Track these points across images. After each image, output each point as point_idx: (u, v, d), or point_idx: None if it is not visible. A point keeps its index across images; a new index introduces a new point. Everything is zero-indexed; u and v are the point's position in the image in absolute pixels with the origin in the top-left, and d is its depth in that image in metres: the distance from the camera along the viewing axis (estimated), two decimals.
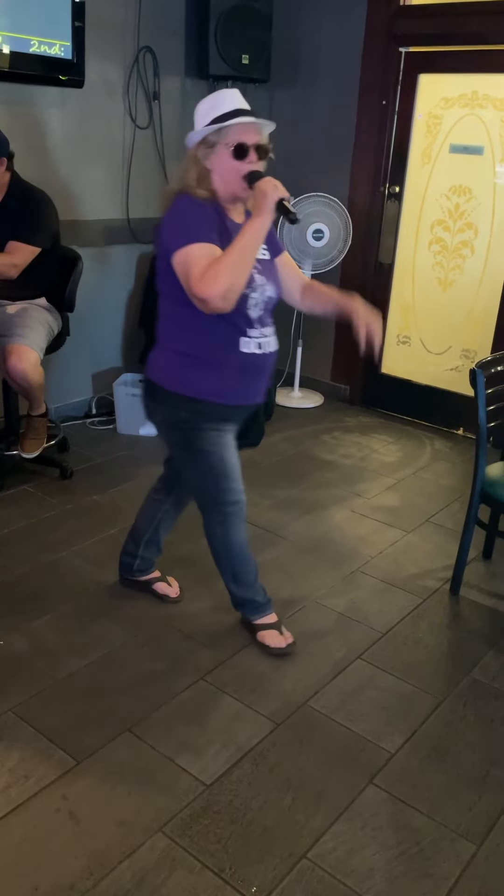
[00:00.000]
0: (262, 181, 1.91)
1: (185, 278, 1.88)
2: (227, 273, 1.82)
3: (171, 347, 2.09)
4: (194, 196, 1.96)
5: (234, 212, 2.05)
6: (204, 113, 1.99)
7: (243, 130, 1.95)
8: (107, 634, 2.42)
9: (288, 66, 4.34)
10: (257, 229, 1.88)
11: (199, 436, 2.12)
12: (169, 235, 1.93)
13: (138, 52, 3.83)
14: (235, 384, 2.09)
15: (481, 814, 1.86)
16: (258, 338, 2.07)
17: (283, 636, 2.40)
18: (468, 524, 2.72)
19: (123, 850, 1.71)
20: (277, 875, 1.67)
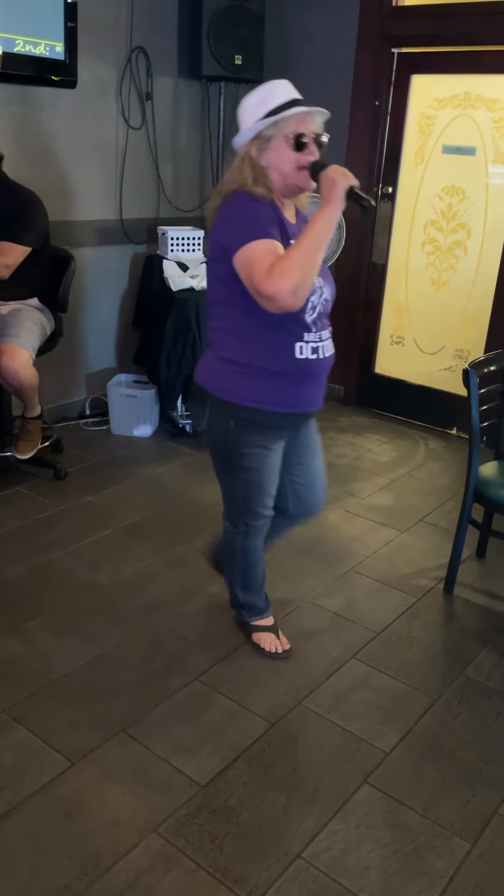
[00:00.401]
0: (330, 169, 1.81)
1: (249, 276, 1.77)
2: (297, 267, 1.72)
3: (223, 354, 2.00)
4: (251, 193, 1.86)
5: (288, 213, 1.96)
6: (254, 107, 1.88)
7: (301, 121, 1.85)
8: (101, 635, 2.42)
9: (281, 66, 4.34)
10: (327, 220, 1.77)
11: (242, 451, 2.05)
12: (228, 234, 1.83)
13: (131, 53, 3.83)
14: (290, 392, 1.99)
15: (475, 812, 1.87)
16: (315, 342, 1.97)
17: (279, 640, 2.39)
18: (462, 523, 2.73)
19: (118, 850, 1.71)
20: (272, 874, 1.67)
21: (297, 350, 1.94)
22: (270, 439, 2.06)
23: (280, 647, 2.38)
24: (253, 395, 1.97)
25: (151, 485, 3.49)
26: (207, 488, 3.47)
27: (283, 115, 1.83)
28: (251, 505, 2.16)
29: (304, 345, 1.94)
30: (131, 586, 2.70)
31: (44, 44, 3.34)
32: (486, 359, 2.75)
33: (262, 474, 2.10)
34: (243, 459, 2.06)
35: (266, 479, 2.12)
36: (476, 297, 4.15)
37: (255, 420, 2.00)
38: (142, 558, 2.87)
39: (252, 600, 2.38)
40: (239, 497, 2.17)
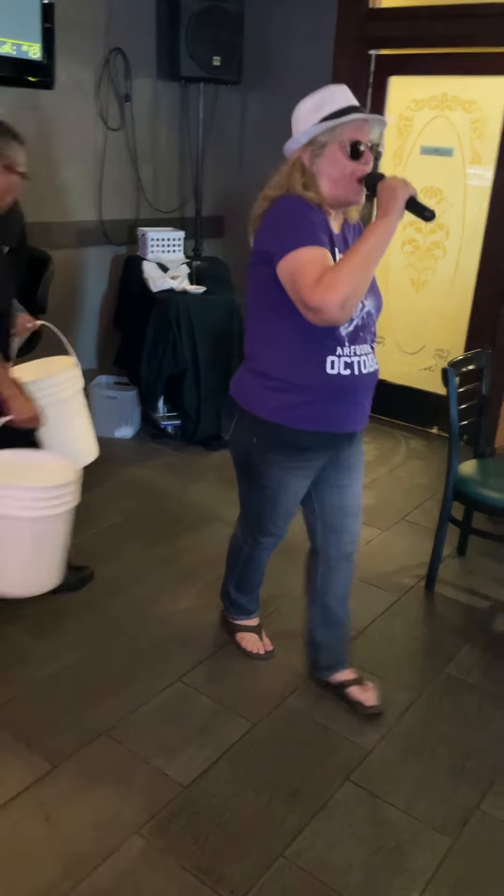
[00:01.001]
0: (389, 179, 1.71)
1: (295, 285, 1.67)
2: (348, 279, 1.61)
3: (253, 366, 1.92)
4: (303, 197, 1.76)
5: (333, 222, 1.84)
6: (309, 111, 1.78)
7: (358, 128, 1.75)
8: (82, 637, 2.41)
9: (260, 67, 4.35)
10: (385, 231, 1.66)
11: (261, 469, 1.96)
12: (274, 238, 1.72)
13: (109, 54, 3.82)
14: (320, 409, 1.85)
15: (457, 807, 1.88)
16: (349, 357, 1.82)
17: (262, 642, 2.38)
18: (442, 522, 2.75)
19: (101, 852, 1.70)
20: (255, 873, 1.68)
21: (328, 365, 1.81)
22: (295, 460, 1.93)
23: (262, 648, 2.37)
24: (280, 412, 1.86)
25: (134, 486, 3.48)
26: (190, 488, 3.47)
27: (340, 120, 1.73)
28: (263, 523, 2.11)
29: (336, 359, 1.81)
30: (114, 587, 2.69)
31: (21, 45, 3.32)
32: (464, 358, 2.78)
33: (279, 495, 1.99)
34: (262, 478, 1.98)
35: (283, 501, 2.01)
36: (455, 297, 4.18)
37: (280, 437, 1.89)
38: (125, 559, 2.86)
39: (242, 601, 2.38)
40: (252, 512, 2.12)
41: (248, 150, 4.53)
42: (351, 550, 2.13)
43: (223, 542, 3.01)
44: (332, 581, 2.14)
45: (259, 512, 2.09)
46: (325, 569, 2.13)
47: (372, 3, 3.98)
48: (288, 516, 2.09)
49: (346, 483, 2.05)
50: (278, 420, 1.87)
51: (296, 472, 1.96)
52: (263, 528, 2.13)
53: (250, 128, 4.49)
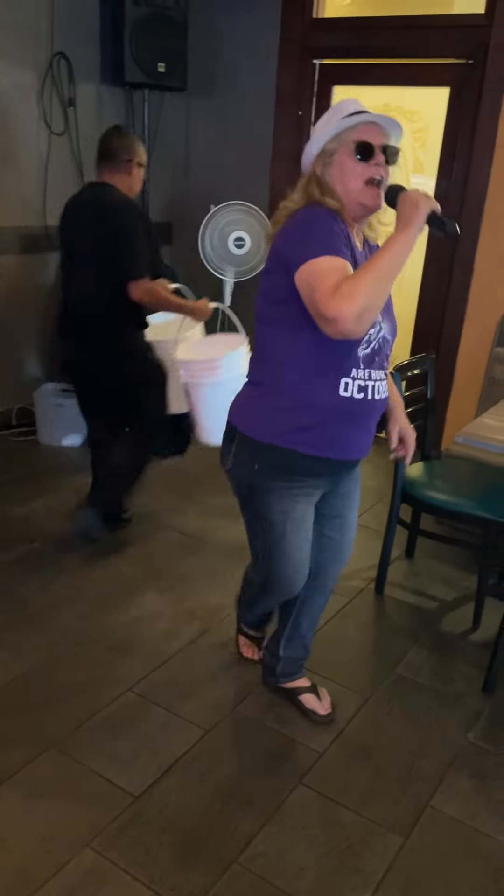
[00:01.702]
0: (410, 192, 1.65)
1: (311, 294, 1.60)
2: (365, 290, 1.53)
3: (259, 387, 1.81)
4: (325, 205, 1.71)
5: (356, 237, 1.78)
6: (321, 126, 1.75)
7: (366, 129, 1.69)
8: (30, 649, 2.36)
9: (205, 75, 4.36)
10: (405, 244, 1.59)
11: (266, 498, 1.83)
12: (293, 246, 1.66)
13: (52, 58, 3.78)
14: (329, 434, 1.76)
15: (408, 806, 1.90)
16: (363, 381, 1.74)
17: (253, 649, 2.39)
18: (390, 524, 2.78)
19: (50, 867, 1.67)
20: (208, 882, 1.66)
21: (342, 387, 1.72)
22: (301, 488, 1.84)
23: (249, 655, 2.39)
24: (287, 436, 1.75)
25: (81, 495, 3.42)
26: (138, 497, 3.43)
27: (345, 124, 1.69)
28: (274, 571, 1.95)
29: (350, 381, 1.73)
30: (61, 598, 2.64)
31: None
32: (409, 363, 2.82)
33: (286, 532, 1.86)
34: (264, 507, 1.85)
35: (290, 542, 1.88)
36: (400, 303, 4.23)
37: (285, 463, 1.79)
38: (71, 570, 2.82)
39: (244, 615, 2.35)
40: (260, 555, 1.97)
41: (195, 158, 4.54)
42: (337, 577, 2.13)
43: (172, 551, 3.00)
44: (311, 604, 2.12)
45: (267, 553, 1.93)
46: (308, 592, 2.08)
47: (315, 13, 4.04)
48: (300, 565, 1.93)
49: (345, 513, 2.02)
50: (284, 444, 1.76)
51: (301, 501, 1.86)
52: (275, 574, 1.95)
53: (196, 135, 4.50)
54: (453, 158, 3.81)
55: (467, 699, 2.30)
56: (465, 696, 2.31)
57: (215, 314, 2.98)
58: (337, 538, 2.03)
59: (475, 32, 3.55)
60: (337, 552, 2.06)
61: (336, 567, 2.09)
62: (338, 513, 2.00)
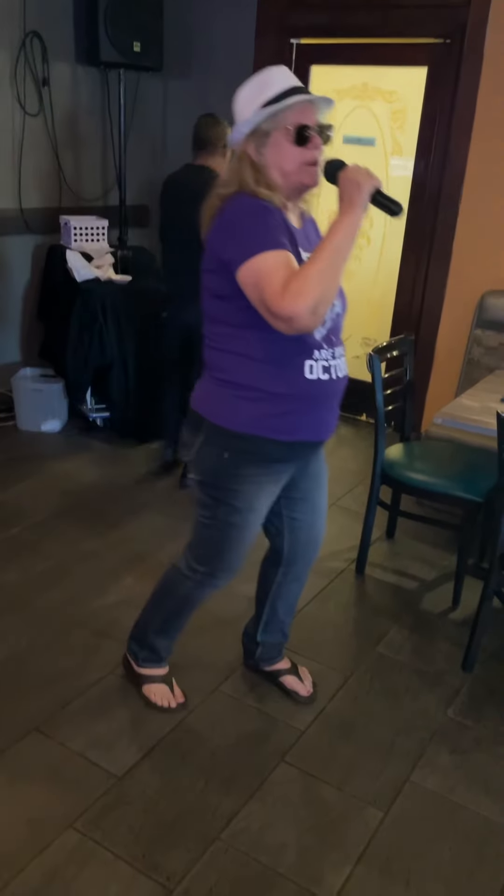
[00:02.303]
0: (350, 170, 1.59)
1: (259, 294, 1.54)
2: (316, 283, 1.50)
3: (221, 376, 1.74)
4: (257, 195, 1.62)
5: (293, 217, 1.72)
6: (249, 98, 1.64)
7: (303, 111, 1.62)
8: (11, 634, 2.36)
9: (182, 54, 4.31)
10: (351, 227, 1.55)
11: (233, 487, 1.79)
12: (229, 245, 1.59)
13: (25, 37, 3.71)
14: (299, 418, 1.74)
15: (388, 782, 1.93)
16: (326, 361, 1.72)
17: (173, 693, 2.12)
18: (371, 505, 2.80)
19: (33, 849, 1.67)
20: (191, 859, 1.68)
21: (306, 370, 1.69)
22: (270, 474, 1.81)
23: (174, 700, 2.11)
24: (256, 422, 1.72)
25: (61, 481, 3.42)
26: (118, 483, 3.43)
27: (281, 104, 1.60)
28: (224, 558, 1.90)
29: (314, 363, 1.69)
30: (42, 584, 2.64)
31: None
32: (388, 344, 2.83)
33: (249, 519, 1.84)
34: (233, 498, 1.80)
35: (250, 528, 1.86)
36: (380, 286, 4.25)
37: (256, 451, 1.75)
38: (52, 555, 2.81)
39: (160, 646, 2.11)
40: (215, 544, 1.89)
41: (171, 138, 4.49)
42: (312, 561, 2.11)
43: (153, 535, 3.00)
44: (288, 590, 2.12)
45: (225, 543, 1.88)
46: (284, 578, 2.09)
47: None
48: (248, 546, 1.91)
49: (314, 495, 2.00)
50: (254, 431, 1.72)
51: (267, 488, 1.83)
52: (225, 561, 1.91)
53: (173, 115, 4.45)
54: (432, 139, 3.81)
55: (447, 677, 2.32)
56: (444, 673, 2.34)
57: None
58: (309, 520, 2.02)
59: (453, 12, 3.53)
60: (310, 536, 2.04)
61: (311, 552, 2.08)
62: (307, 495, 1.98)
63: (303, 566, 2.09)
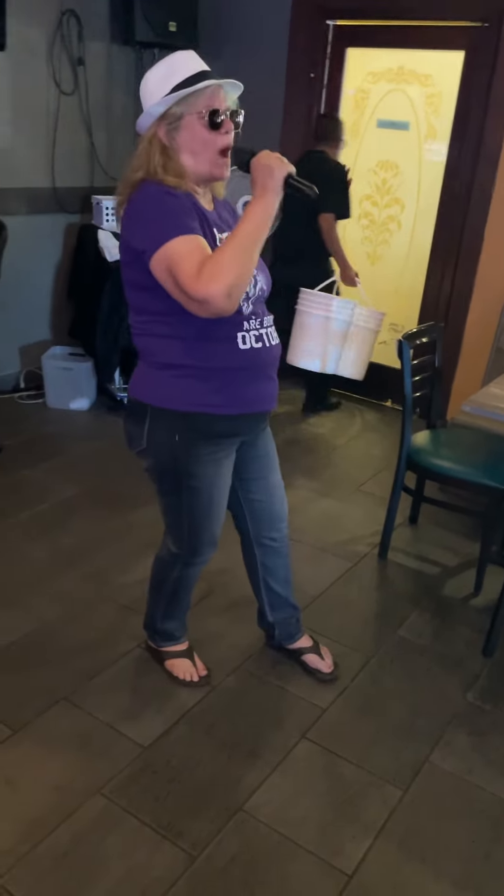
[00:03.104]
0: (262, 156, 1.61)
1: (174, 280, 1.54)
2: (231, 267, 1.50)
3: (156, 359, 1.74)
4: (163, 184, 1.61)
5: (204, 201, 1.71)
6: (158, 81, 1.63)
7: (214, 95, 1.62)
8: (40, 607, 2.42)
9: (216, 34, 4.29)
10: (264, 212, 1.57)
11: (190, 469, 1.79)
12: (139, 234, 1.59)
13: (62, 16, 3.72)
14: (239, 389, 1.75)
15: (407, 761, 1.96)
16: (257, 330, 1.74)
17: (195, 667, 2.17)
18: (395, 490, 2.81)
19: (61, 813, 1.73)
20: (214, 828, 1.73)
21: (240, 341, 1.71)
22: (223, 449, 1.82)
23: (197, 674, 2.16)
24: (198, 399, 1.72)
25: (89, 458, 3.47)
26: None
27: (193, 88, 1.60)
28: (199, 536, 1.93)
29: (246, 334, 1.72)
30: (70, 559, 2.69)
31: None
32: (418, 331, 2.83)
33: (213, 496, 1.86)
34: (192, 479, 1.81)
35: (217, 504, 1.88)
36: (409, 272, 4.23)
37: (204, 428, 1.76)
38: (80, 531, 2.87)
39: (170, 627, 2.17)
40: (186, 526, 1.91)
41: None
42: (284, 534, 2.14)
43: None
44: (272, 567, 2.16)
45: (195, 525, 1.90)
46: (263, 557, 2.14)
47: None
48: (221, 522, 1.94)
49: (266, 474, 2.03)
50: (198, 409, 1.73)
51: (224, 464, 1.85)
52: (201, 539, 1.94)
53: None
54: (466, 124, 3.77)
55: (467, 661, 2.35)
56: (464, 658, 2.36)
57: None
58: (266, 500, 2.05)
59: None
60: (271, 513, 2.08)
61: (275, 529, 2.11)
62: (260, 475, 2.02)
63: (275, 542, 2.13)
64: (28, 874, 1.59)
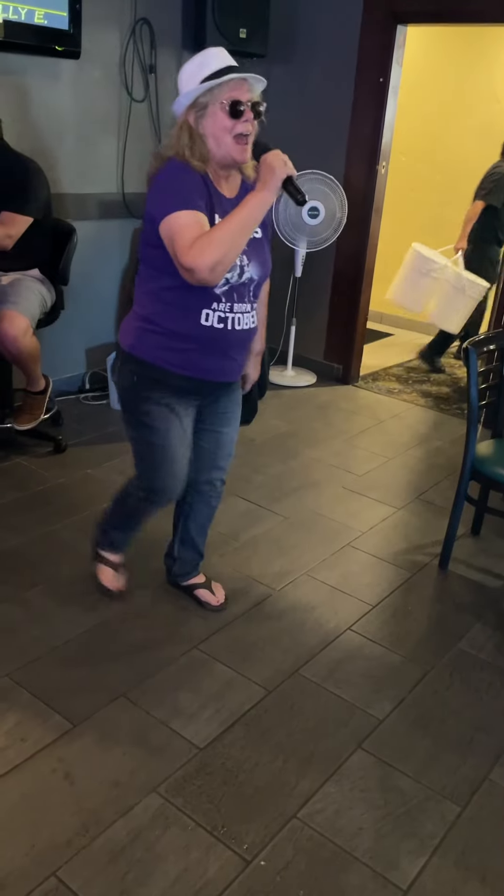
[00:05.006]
0: (270, 155, 1.82)
1: (172, 246, 1.81)
2: (218, 245, 1.76)
3: (139, 312, 2.04)
4: (186, 163, 1.87)
5: (226, 186, 1.96)
6: (191, 74, 1.87)
7: (236, 87, 1.84)
8: (101, 604, 2.46)
9: (286, 40, 4.31)
10: (259, 204, 1.80)
11: (144, 407, 2.06)
12: (156, 202, 1.86)
13: (135, 24, 3.79)
14: (193, 357, 2.00)
15: (466, 777, 1.92)
16: (223, 313, 1.97)
17: (116, 581, 2.48)
18: (458, 500, 2.76)
19: (118, 809, 1.75)
20: (268, 833, 1.72)
21: (203, 317, 1.95)
22: (175, 400, 2.06)
23: (115, 585, 2.47)
24: (158, 354, 2.00)
25: None
26: None
27: (217, 81, 1.82)
28: (152, 477, 2.17)
29: (210, 312, 1.95)
30: (130, 557, 2.73)
31: (48, 13, 3.31)
32: (485, 338, 2.78)
33: (169, 437, 2.09)
34: (146, 416, 2.07)
35: (171, 446, 2.10)
36: None
37: (159, 378, 2.02)
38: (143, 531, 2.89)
39: (115, 538, 2.46)
40: (145, 461, 2.17)
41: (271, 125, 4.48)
42: (219, 487, 2.36)
43: (238, 517, 3.06)
44: (196, 510, 2.39)
45: (151, 461, 2.15)
46: (192, 497, 2.36)
47: None
48: (178, 472, 2.15)
49: (220, 428, 2.23)
50: (155, 361, 2.01)
51: (178, 411, 2.08)
52: (154, 480, 2.18)
53: (273, 102, 4.44)
54: None
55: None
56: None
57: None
58: (211, 449, 2.26)
59: None
60: (213, 464, 2.28)
61: (210, 476, 2.31)
62: (214, 428, 2.22)
63: (204, 487, 2.33)
64: (85, 867, 1.62)
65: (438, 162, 5.62)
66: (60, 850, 1.65)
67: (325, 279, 4.60)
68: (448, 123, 5.51)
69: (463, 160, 5.47)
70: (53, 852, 1.64)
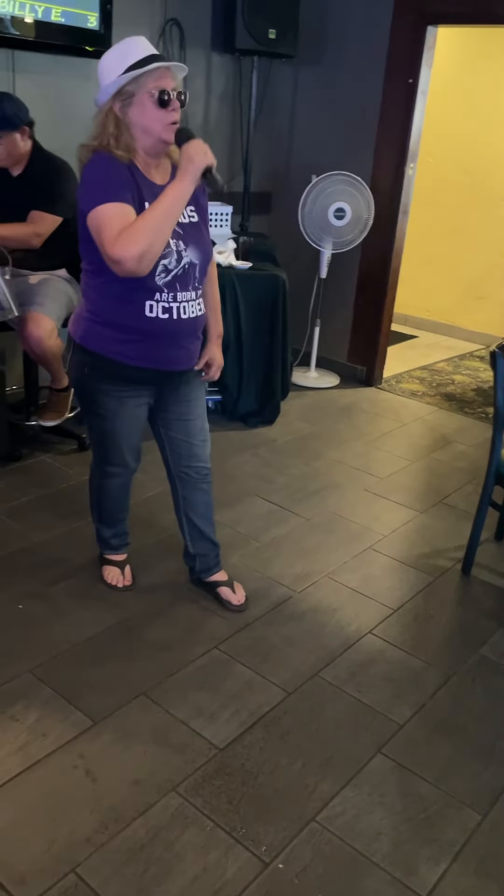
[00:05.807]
0: (191, 145, 1.85)
1: (99, 239, 1.83)
2: (143, 235, 1.78)
3: (86, 305, 2.08)
4: (111, 154, 1.89)
5: (156, 173, 1.98)
6: (113, 63, 1.88)
7: (161, 76, 1.86)
8: (123, 602, 2.47)
9: (315, 42, 4.30)
10: (179, 193, 1.83)
11: (96, 397, 2.13)
12: (83, 196, 1.88)
13: (165, 24, 3.81)
14: (140, 347, 2.04)
15: (487, 785, 1.90)
16: (167, 303, 2.00)
17: (122, 577, 2.54)
18: (482, 505, 2.74)
19: (138, 807, 1.76)
20: (287, 836, 1.72)
21: (146, 308, 1.98)
22: (125, 390, 2.12)
23: (122, 581, 2.53)
24: (105, 345, 2.04)
25: None
26: (227, 465, 3.50)
27: (144, 69, 1.84)
28: (107, 453, 2.29)
29: (154, 304, 1.98)
30: (153, 555, 2.74)
31: (79, 13, 3.33)
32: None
33: (117, 425, 2.18)
34: (96, 406, 2.15)
35: (121, 431, 2.20)
36: None
37: (107, 369, 2.07)
38: (164, 529, 2.91)
39: (106, 535, 2.54)
40: (97, 442, 2.30)
41: (299, 126, 4.50)
42: (204, 473, 2.37)
43: (258, 518, 3.06)
44: (191, 500, 2.40)
45: (101, 443, 2.27)
46: (184, 491, 2.39)
47: None
48: (130, 448, 2.27)
49: (188, 417, 2.26)
50: (103, 352, 2.05)
51: (127, 402, 2.14)
52: (107, 457, 2.30)
53: (302, 103, 4.45)
54: None
55: None
56: None
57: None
58: (185, 439, 2.29)
59: None
60: (190, 452, 2.31)
61: (192, 464, 2.33)
62: (180, 416, 2.25)
63: (191, 478, 2.36)
64: (104, 864, 1.62)
65: (465, 163, 5.58)
66: (80, 847, 1.66)
67: (349, 280, 4.59)
68: (479, 125, 5.46)
69: (492, 162, 5.43)
70: (73, 849, 1.65)
